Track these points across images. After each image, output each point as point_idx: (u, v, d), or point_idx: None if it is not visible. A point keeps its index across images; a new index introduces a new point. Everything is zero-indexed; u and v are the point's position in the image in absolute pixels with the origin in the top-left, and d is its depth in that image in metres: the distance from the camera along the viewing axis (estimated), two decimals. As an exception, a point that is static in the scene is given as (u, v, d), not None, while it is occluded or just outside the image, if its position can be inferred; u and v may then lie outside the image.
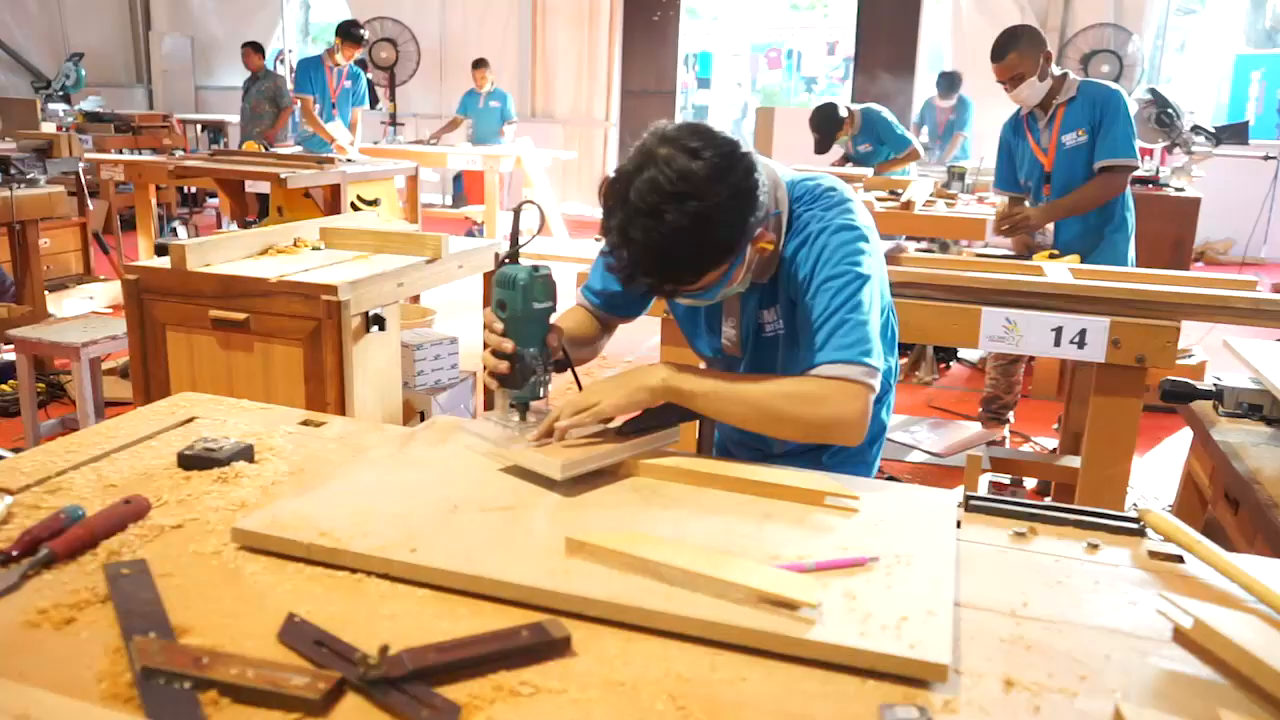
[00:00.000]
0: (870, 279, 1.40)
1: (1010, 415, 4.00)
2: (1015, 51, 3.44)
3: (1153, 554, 1.20)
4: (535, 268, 1.38)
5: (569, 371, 1.52)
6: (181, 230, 7.46)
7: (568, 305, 1.64)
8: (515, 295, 1.36)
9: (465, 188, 10.22)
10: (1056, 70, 3.51)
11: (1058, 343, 2.55)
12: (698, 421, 1.61)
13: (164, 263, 2.41)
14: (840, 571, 1.08)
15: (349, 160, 5.24)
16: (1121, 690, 0.90)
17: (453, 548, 1.09)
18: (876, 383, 1.34)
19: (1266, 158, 5.98)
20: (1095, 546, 1.21)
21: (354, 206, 5.00)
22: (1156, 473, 3.74)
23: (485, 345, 1.41)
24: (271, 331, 2.31)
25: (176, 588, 1.02)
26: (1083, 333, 2.51)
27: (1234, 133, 5.46)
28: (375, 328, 2.34)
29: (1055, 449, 3.75)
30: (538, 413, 1.43)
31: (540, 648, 0.92)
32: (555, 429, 1.33)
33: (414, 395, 2.85)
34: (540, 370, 1.39)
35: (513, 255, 1.40)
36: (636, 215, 1.27)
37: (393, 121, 9.59)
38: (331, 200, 4.87)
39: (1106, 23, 7.93)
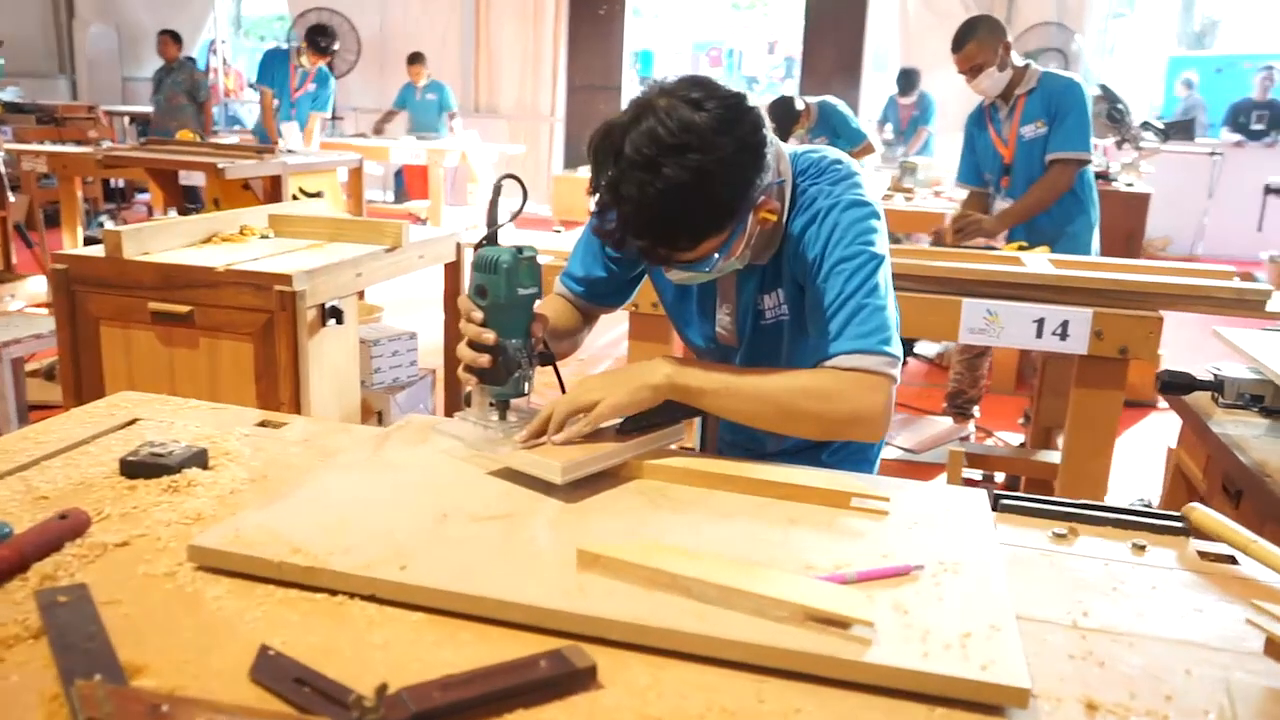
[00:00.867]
0: (884, 260, 1.30)
1: (975, 410, 3.96)
2: (974, 41, 3.39)
3: (1203, 555, 1.12)
4: (519, 249, 1.24)
5: (551, 367, 1.39)
6: (109, 225, 7.12)
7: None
8: (497, 280, 1.22)
9: (406, 183, 10.00)
10: (1020, 61, 3.47)
11: (1039, 334, 2.49)
12: (700, 419, 1.48)
13: (97, 252, 2.22)
14: (884, 582, 0.97)
15: (290, 151, 5.02)
16: (1215, 711, 0.81)
17: (448, 564, 0.95)
18: (898, 373, 1.24)
19: (1213, 154, 6.07)
20: (1142, 548, 1.13)
21: (295, 199, 4.79)
22: (1125, 465, 3.72)
23: (456, 337, 1.27)
24: (218, 325, 2.13)
25: (125, 618, 0.87)
26: (1065, 324, 2.46)
27: (1181, 129, 5.52)
28: (332, 321, 2.17)
29: (1023, 443, 3.72)
30: (519, 411, 1.30)
31: (562, 680, 0.80)
32: (553, 439, 1.20)
33: (371, 394, 2.67)
34: (525, 364, 1.26)
35: (491, 236, 1.26)
36: (631, 169, 1.15)
37: (332, 115, 9.31)
38: (272, 192, 4.66)
39: (1050, 21, 8.01)
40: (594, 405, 1.20)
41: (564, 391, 1.27)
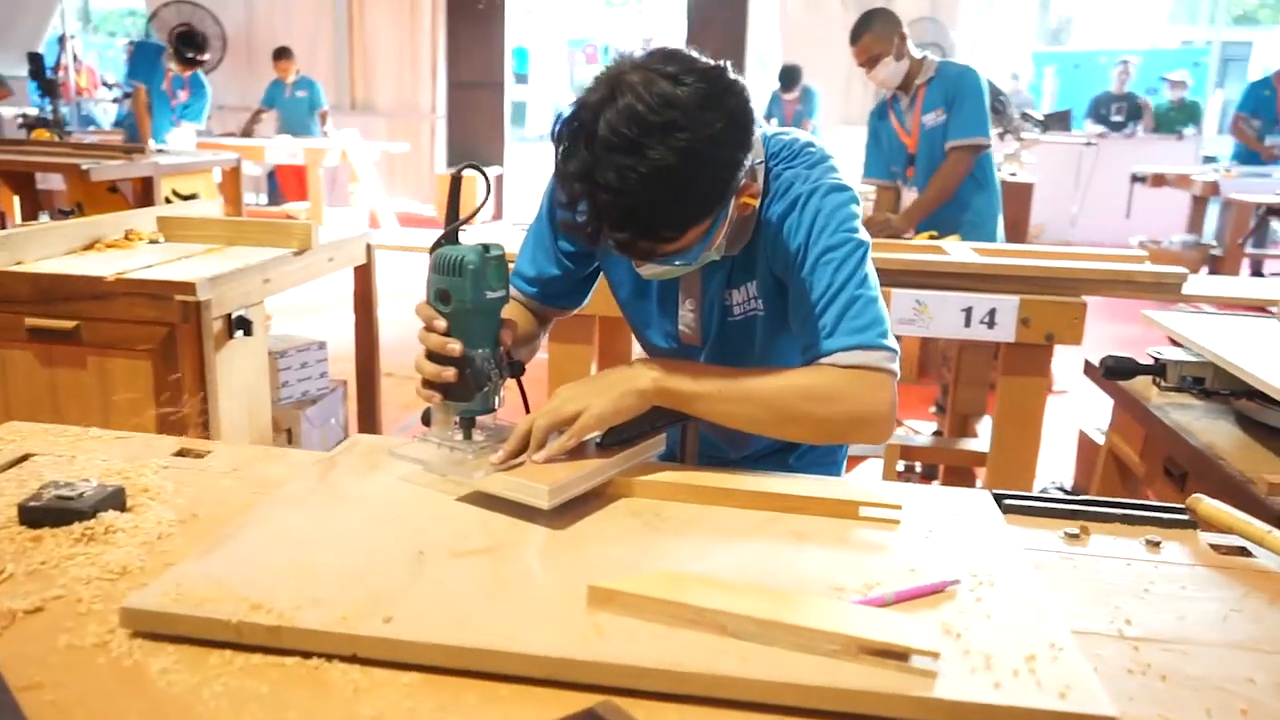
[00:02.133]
0: (869, 247, 1.22)
1: (888, 400, 3.97)
2: (869, 33, 3.39)
3: (1215, 548, 1.08)
4: (485, 247, 1.11)
5: (517, 381, 1.26)
6: (-47, 235, 6.52)
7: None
8: (463, 283, 1.09)
9: (280, 184, 9.54)
10: (918, 52, 3.49)
11: (968, 323, 2.49)
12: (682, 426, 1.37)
13: (-42, 263, 1.97)
14: (924, 601, 0.89)
15: (160, 150, 4.68)
16: (1299, 724, 0.76)
17: (437, 611, 0.83)
18: (898, 367, 1.16)
19: (1088, 144, 6.32)
20: (1156, 545, 1.08)
21: (168, 203, 4.46)
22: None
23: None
24: (109, 342, 1.91)
25: (52, 705, 0.72)
26: (993, 312, 2.46)
27: (1059, 120, 5.72)
28: (240, 332, 1.97)
29: (936, 432, 3.75)
30: (485, 428, 1.17)
31: (603, 747, 0.69)
32: (533, 458, 1.08)
33: (280, 410, 2.46)
34: (495, 376, 1.13)
35: (452, 234, 1.13)
36: (609, 153, 1.03)
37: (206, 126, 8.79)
38: (142, 195, 4.31)
39: (926, 17, 8.22)
40: (577, 416, 1.09)
41: (528, 406, 1.15)
